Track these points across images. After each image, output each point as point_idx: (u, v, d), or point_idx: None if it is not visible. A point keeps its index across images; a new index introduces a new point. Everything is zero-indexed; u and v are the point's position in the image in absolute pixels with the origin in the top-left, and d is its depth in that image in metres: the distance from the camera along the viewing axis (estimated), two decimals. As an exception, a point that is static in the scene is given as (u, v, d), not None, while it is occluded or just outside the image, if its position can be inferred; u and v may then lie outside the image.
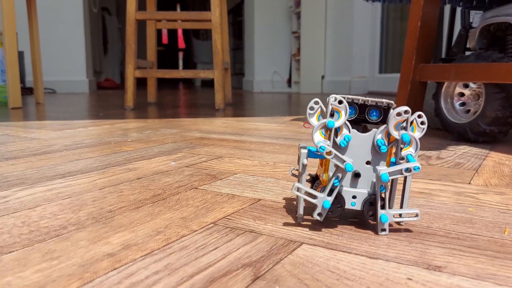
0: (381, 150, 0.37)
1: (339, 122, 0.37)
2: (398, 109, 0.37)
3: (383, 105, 0.38)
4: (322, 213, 0.37)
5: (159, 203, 0.45)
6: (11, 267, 0.30)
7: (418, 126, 0.38)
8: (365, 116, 0.38)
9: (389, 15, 3.16)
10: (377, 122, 0.38)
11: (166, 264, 0.30)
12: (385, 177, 0.36)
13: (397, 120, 0.37)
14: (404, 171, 0.36)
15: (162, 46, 8.82)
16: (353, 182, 0.38)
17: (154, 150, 0.78)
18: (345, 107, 0.37)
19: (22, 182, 0.54)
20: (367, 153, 0.38)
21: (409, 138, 0.36)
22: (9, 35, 1.75)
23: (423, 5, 0.95)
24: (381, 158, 0.38)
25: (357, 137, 0.38)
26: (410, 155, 0.37)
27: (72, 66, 3.37)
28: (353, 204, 0.38)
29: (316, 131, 0.37)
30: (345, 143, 0.37)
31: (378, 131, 0.37)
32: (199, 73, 1.75)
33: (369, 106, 0.38)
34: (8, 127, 1.12)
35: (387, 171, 0.36)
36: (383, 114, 0.38)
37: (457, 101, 0.95)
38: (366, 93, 3.28)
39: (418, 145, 0.37)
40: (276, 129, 1.10)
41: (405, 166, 0.36)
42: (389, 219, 0.37)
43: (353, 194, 0.38)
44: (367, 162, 0.38)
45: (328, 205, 0.36)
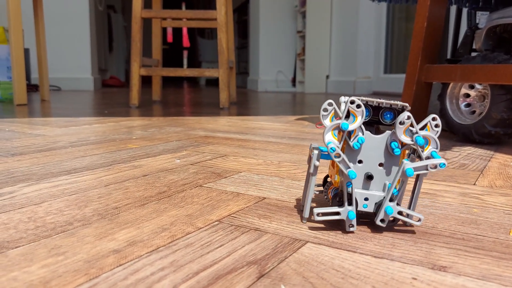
0: (394, 153, 0.37)
1: (353, 126, 0.37)
2: (399, 117, 0.36)
3: (398, 107, 0.38)
4: (353, 224, 0.37)
5: (165, 200, 0.45)
6: (17, 262, 0.30)
7: (432, 128, 0.38)
8: (379, 118, 0.38)
9: (395, 15, 3.15)
10: (391, 124, 0.38)
11: (171, 261, 0.31)
12: (410, 172, 0.36)
13: (402, 128, 0.37)
14: (430, 167, 0.36)
15: (167, 45, 8.83)
16: (365, 184, 0.38)
17: (159, 148, 0.78)
18: (362, 112, 0.37)
19: (28, 178, 0.54)
20: (380, 155, 0.38)
21: (423, 141, 0.36)
22: (15, 32, 1.75)
23: (430, 6, 0.95)
24: (395, 161, 0.38)
25: (371, 139, 0.38)
26: (434, 151, 0.37)
27: (77, 63, 3.38)
28: (365, 206, 0.38)
29: (328, 131, 0.37)
30: (358, 145, 0.37)
31: (391, 133, 0.37)
32: (204, 71, 1.75)
33: (383, 108, 0.38)
34: (13, 123, 1.13)
35: (413, 166, 0.36)
36: (398, 116, 0.38)
37: (462, 102, 0.95)
38: (370, 94, 3.27)
39: (438, 142, 0.37)
40: (280, 129, 1.10)
41: (431, 162, 0.36)
42: (393, 213, 0.37)
43: (366, 196, 0.38)
44: (380, 164, 0.38)
45: (353, 216, 0.36)
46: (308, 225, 0.38)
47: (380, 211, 0.37)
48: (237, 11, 5.44)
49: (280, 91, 3.80)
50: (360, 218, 0.40)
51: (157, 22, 2.09)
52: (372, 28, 3.23)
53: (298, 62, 3.76)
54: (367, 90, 3.34)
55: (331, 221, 0.40)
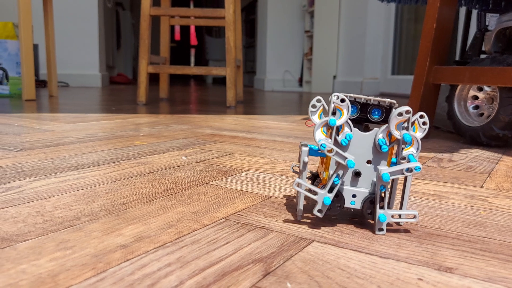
0: (382, 150, 0.37)
1: (340, 121, 0.37)
2: (399, 109, 0.37)
3: (385, 105, 0.38)
4: (322, 209, 0.37)
5: (171, 197, 0.45)
6: (26, 255, 0.30)
7: (420, 126, 0.38)
8: (367, 115, 0.38)
9: (403, 16, 3.14)
10: (379, 121, 0.38)
11: (178, 257, 0.31)
12: (386, 177, 0.36)
13: (398, 120, 0.37)
14: (405, 171, 0.36)
15: (174, 43, 8.85)
16: (353, 181, 0.38)
17: (166, 145, 0.78)
18: (347, 105, 0.37)
19: (37, 172, 0.54)
20: (368, 152, 0.38)
21: (410, 138, 0.36)
22: (25, 28, 1.77)
23: (439, 7, 0.95)
24: (382, 158, 0.38)
25: (359, 136, 0.38)
26: (411, 155, 0.37)
27: (85, 60, 3.40)
28: (352, 203, 0.38)
29: (318, 129, 0.37)
30: (346, 142, 0.37)
31: (379, 130, 0.37)
32: (211, 70, 1.75)
33: (371, 105, 0.38)
34: (22, 118, 1.14)
35: (388, 170, 0.36)
36: (385, 113, 0.38)
37: (470, 104, 0.94)
38: (377, 95, 3.26)
39: (420, 145, 0.37)
40: (287, 128, 1.10)
41: (406, 166, 0.36)
42: (387, 219, 0.37)
43: (353, 193, 0.38)
44: (368, 161, 0.38)
45: (328, 202, 0.37)
46: (314, 224, 0.39)
47: (375, 221, 0.37)
48: (245, 10, 5.44)
49: (287, 90, 3.80)
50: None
51: (166, 20, 2.09)
52: (380, 28, 3.22)
53: (305, 62, 3.75)
54: (374, 91, 3.33)
55: (328, 217, 0.40)
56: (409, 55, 3.08)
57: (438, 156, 0.76)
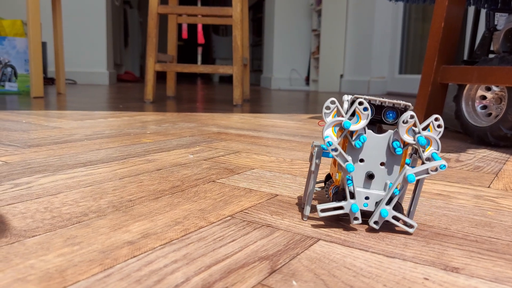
0: (396, 152, 0.37)
1: (355, 127, 0.37)
2: (402, 117, 0.36)
3: (400, 107, 0.38)
4: (357, 217, 0.37)
5: (178, 194, 0.46)
6: (34, 251, 0.31)
7: (435, 129, 0.37)
8: (381, 117, 0.38)
9: (411, 16, 3.12)
10: (394, 123, 0.38)
11: (184, 254, 0.31)
12: (412, 178, 0.35)
13: (405, 127, 0.36)
14: (430, 170, 0.36)
15: (181, 41, 8.87)
16: (366, 183, 0.38)
17: (172, 143, 0.79)
18: (367, 115, 0.36)
19: (45, 169, 0.55)
20: (382, 154, 0.38)
21: (425, 141, 0.36)
22: (33, 26, 1.78)
23: (448, 6, 0.94)
24: (396, 160, 0.38)
25: (373, 138, 0.38)
26: (435, 153, 0.37)
27: (93, 58, 3.41)
28: (365, 205, 0.38)
29: (329, 127, 0.37)
30: (360, 144, 0.37)
31: (393, 132, 0.37)
32: (218, 68, 1.75)
33: (386, 107, 0.38)
34: (30, 115, 1.15)
35: (414, 171, 0.36)
36: (400, 115, 0.38)
37: (478, 104, 0.94)
38: (385, 94, 3.25)
39: (439, 144, 0.37)
40: (293, 127, 1.10)
41: (431, 165, 0.36)
42: (387, 217, 0.37)
43: (366, 195, 0.38)
44: (382, 163, 0.38)
45: (356, 209, 0.36)
46: (320, 223, 0.39)
47: (375, 213, 0.37)
48: (252, 8, 5.44)
49: (294, 89, 3.80)
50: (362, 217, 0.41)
51: (173, 18, 2.10)
52: (388, 27, 3.20)
53: (312, 61, 3.75)
54: (381, 90, 3.32)
55: (334, 217, 0.40)
56: (417, 54, 3.07)
57: (446, 156, 0.75)
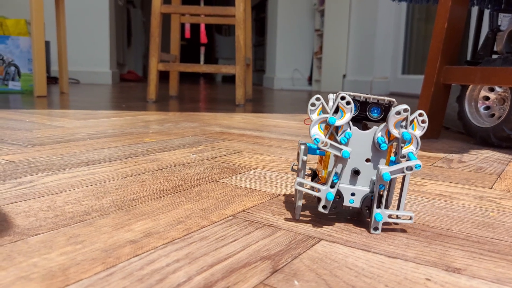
0: (381, 148, 0.37)
1: (341, 122, 0.37)
2: (397, 107, 0.36)
3: (384, 103, 0.38)
4: (326, 205, 0.37)
5: (180, 194, 0.46)
6: (37, 249, 0.31)
7: (419, 124, 0.38)
8: (366, 114, 0.38)
9: (414, 16, 3.11)
10: (378, 119, 0.38)
11: (186, 253, 0.31)
12: (387, 176, 0.36)
13: (396, 118, 0.37)
14: (406, 170, 0.36)
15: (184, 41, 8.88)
16: (352, 180, 0.38)
17: (175, 142, 0.79)
18: (351, 109, 0.37)
19: (48, 168, 0.55)
20: (367, 150, 0.38)
21: (409, 136, 0.36)
22: (37, 25, 1.78)
23: (451, 6, 0.94)
24: (381, 156, 0.38)
25: (358, 134, 0.38)
26: (411, 153, 0.37)
27: (96, 57, 3.42)
28: (351, 202, 0.38)
29: (315, 125, 0.37)
30: (345, 140, 0.37)
31: (378, 128, 0.37)
32: (221, 68, 1.76)
33: (371, 104, 0.38)
34: (33, 114, 1.15)
35: (389, 170, 0.36)
36: (384, 112, 0.38)
37: (481, 105, 0.94)
38: (387, 94, 3.25)
39: (419, 143, 0.37)
40: (295, 127, 1.10)
41: (406, 164, 0.36)
42: (383, 219, 0.37)
43: (352, 191, 0.38)
44: (367, 159, 0.38)
45: (331, 197, 0.37)
46: (323, 223, 0.39)
47: (371, 220, 0.37)
48: (255, 8, 5.44)
49: (296, 89, 3.80)
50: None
51: (176, 18, 2.10)
52: (391, 28, 3.20)
53: (315, 61, 3.74)
54: (384, 91, 3.31)
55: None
56: (420, 54, 3.06)
57: (448, 156, 0.75)
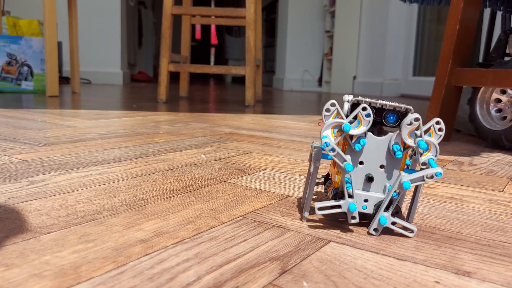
0: (396, 156, 0.37)
1: (355, 131, 0.37)
2: (407, 118, 0.36)
3: (401, 110, 0.38)
4: (355, 216, 0.37)
5: (190, 194, 0.46)
6: (49, 247, 0.31)
7: (436, 132, 0.37)
8: (382, 119, 0.38)
9: (426, 17, 3.09)
10: (394, 126, 0.38)
11: (196, 253, 0.31)
12: (407, 185, 0.35)
13: (409, 129, 0.36)
14: (426, 177, 0.36)
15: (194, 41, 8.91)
16: (365, 186, 0.38)
17: (185, 142, 0.79)
18: (368, 122, 0.36)
19: (60, 167, 0.56)
20: (382, 157, 0.38)
21: (425, 145, 0.36)
22: (49, 25, 1.80)
23: (463, 8, 0.93)
24: (396, 163, 0.38)
25: (373, 140, 0.38)
26: (431, 159, 0.37)
27: (107, 58, 3.45)
28: (364, 208, 0.38)
29: (328, 128, 0.37)
30: (360, 147, 0.37)
31: (394, 136, 0.37)
32: (230, 69, 1.76)
33: (387, 110, 0.38)
34: (45, 114, 1.16)
35: (409, 178, 0.36)
36: (401, 118, 0.38)
37: (493, 107, 0.93)
38: (398, 96, 3.23)
39: (438, 150, 0.37)
40: (305, 128, 1.10)
41: (427, 172, 0.36)
42: (386, 223, 0.37)
43: (365, 198, 0.38)
44: (381, 166, 0.38)
45: (354, 208, 0.36)
46: (331, 225, 0.39)
47: (374, 220, 0.37)
48: (266, 9, 5.45)
49: (306, 90, 3.79)
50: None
51: (187, 19, 2.11)
52: (402, 29, 3.18)
53: (325, 62, 3.74)
54: (394, 93, 3.29)
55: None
56: (431, 56, 3.04)
57: (459, 159, 0.75)
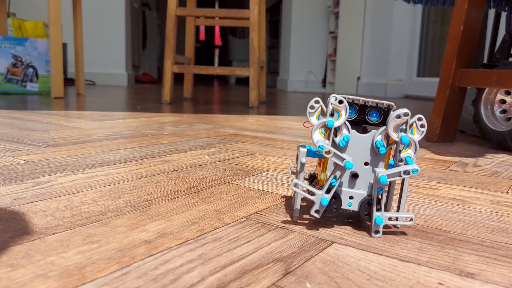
0: (379, 152, 0.37)
1: (338, 122, 0.37)
2: (397, 111, 0.36)
3: (383, 107, 0.38)
4: (319, 210, 0.37)
5: (194, 195, 0.46)
6: (54, 248, 0.31)
7: (418, 128, 0.38)
8: (365, 117, 0.38)
9: (430, 18, 3.09)
10: (377, 123, 0.38)
11: (200, 254, 0.31)
12: (384, 179, 0.36)
13: (396, 122, 0.37)
14: (403, 173, 0.36)
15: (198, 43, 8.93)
16: (350, 183, 0.38)
17: (189, 144, 0.79)
18: (345, 107, 0.37)
19: (65, 168, 0.56)
20: (366, 154, 0.38)
21: (408, 140, 0.36)
22: (54, 27, 1.81)
23: (467, 9, 0.93)
24: (380, 160, 0.38)
25: (356, 137, 0.38)
26: (409, 157, 0.37)
27: (112, 59, 3.46)
28: (350, 205, 0.38)
29: (316, 130, 0.37)
30: (344, 143, 0.37)
31: (377, 132, 0.37)
32: (234, 70, 1.76)
33: (369, 107, 0.38)
34: (50, 115, 1.17)
35: (386, 173, 0.36)
36: (383, 115, 0.38)
37: (497, 108, 0.93)
38: (402, 97, 3.22)
39: (417, 147, 0.37)
40: (309, 129, 1.10)
41: (403, 168, 0.36)
42: (384, 222, 0.37)
43: (350, 195, 0.38)
44: (366, 163, 0.38)
45: (326, 202, 0.37)
46: (335, 226, 0.39)
47: (372, 223, 0.37)
48: (269, 10, 5.45)
49: (310, 91, 3.79)
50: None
51: (191, 21, 2.12)
52: (406, 30, 3.18)
53: (329, 63, 3.73)
54: (399, 93, 3.29)
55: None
56: (435, 57, 3.03)
57: (463, 160, 0.75)
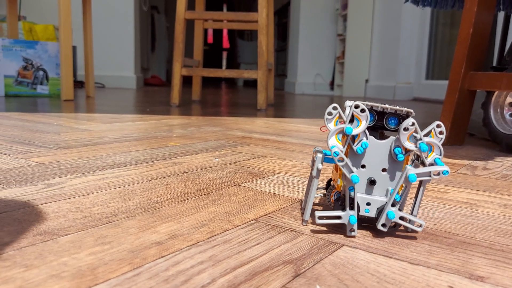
0: (398, 159, 0.37)
1: (357, 130, 0.37)
2: (403, 124, 0.36)
3: (402, 113, 0.38)
4: (354, 228, 0.37)
5: (204, 197, 0.47)
6: (67, 249, 0.32)
7: (437, 135, 0.37)
8: (383, 123, 0.38)
9: (439, 21, 3.07)
10: (396, 129, 0.38)
11: (210, 255, 0.32)
12: (413, 178, 0.36)
13: (406, 134, 0.37)
14: (433, 174, 0.36)
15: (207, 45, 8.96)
16: (368, 189, 0.38)
17: (198, 146, 0.80)
18: (366, 116, 0.37)
19: (76, 170, 0.57)
20: (384, 160, 0.38)
21: (426, 147, 0.36)
22: (64, 30, 1.83)
23: (476, 11, 0.93)
24: (398, 166, 0.38)
25: (374, 144, 0.38)
26: (438, 158, 0.37)
27: (121, 62, 3.49)
28: (367, 211, 0.38)
29: (332, 135, 0.37)
30: (362, 150, 0.37)
31: (395, 139, 0.37)
32: (243, 73, 1.77)
33: (388, 114, 0.38)
34: (61, 118, 1.18)
35: (416, 172, 0.36)
36: (402, 121, 0.38)
37: (507, 111, 0.92)
38: (410, 100, 3.21)
39: (441, 149, 0.37)
40: (317, 132, 1.10)
41: (433, 168, 0.36)
42: (394, 218, 0.37)
43: (368, 201, 0.38)
44: (383, 169, 0.38)
45: (354, 220, 0.37)
46: (344, 229, 0.39)
47: (382, 215, 0.37)
48: (278, 13, 5.46)
49: (318, 94, 3.79)
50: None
51: (199, 24, 2.13)
52: (414, 32, 3.17)
53: (337, 66, 3.73)
54: (407, 96, 3.27)
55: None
56: (444, 59, 3.02)
57: (473, 163, 0.74)
